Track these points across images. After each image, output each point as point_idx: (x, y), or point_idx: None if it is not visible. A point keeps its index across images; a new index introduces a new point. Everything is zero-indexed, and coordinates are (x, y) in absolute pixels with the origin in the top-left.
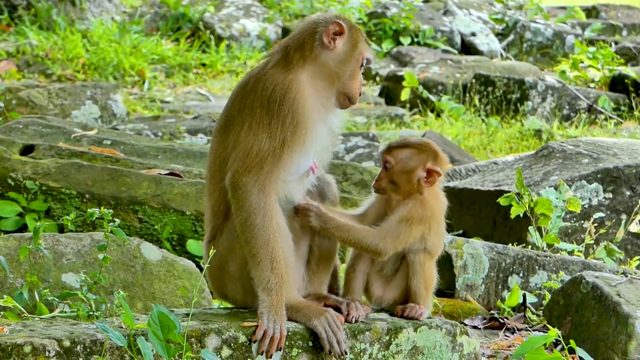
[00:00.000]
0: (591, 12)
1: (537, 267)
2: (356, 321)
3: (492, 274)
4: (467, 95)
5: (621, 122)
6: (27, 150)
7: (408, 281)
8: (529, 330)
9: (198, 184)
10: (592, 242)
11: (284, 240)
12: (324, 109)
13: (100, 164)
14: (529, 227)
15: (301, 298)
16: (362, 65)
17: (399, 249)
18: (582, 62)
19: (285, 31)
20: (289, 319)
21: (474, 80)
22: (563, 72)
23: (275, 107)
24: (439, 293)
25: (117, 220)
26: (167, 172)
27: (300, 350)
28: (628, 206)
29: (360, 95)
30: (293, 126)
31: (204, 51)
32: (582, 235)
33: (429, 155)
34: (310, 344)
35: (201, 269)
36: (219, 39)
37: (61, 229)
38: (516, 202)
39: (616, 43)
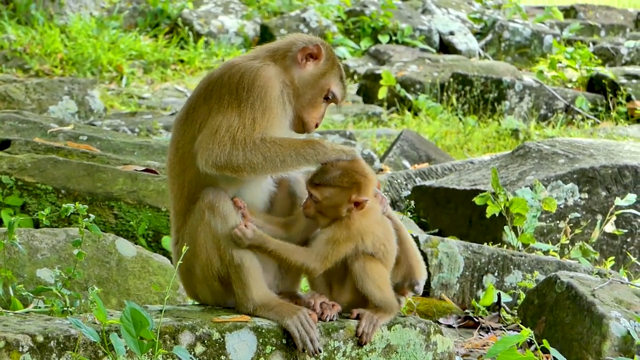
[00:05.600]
0: (569, 12)
1: (512, 267)
2: (330, 320)
3: (467, 273)
4: (445, 94)
5: (598, 123)
6: (2, 145)
7: (357, 287)
8: (504, 330)
9: None
10: (568, 242)
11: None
12: (285, 110)
13: (76, 160)
14: (505, 227)
15: (274, 295)
16: (327, 98)
17: (328, 267)
18: (560, 62)
19: (264, 28)
20: (261, 317)
21: (451, 79)
22: (541, 72)
23: (244, 94)
24: None
25: (92, 216)
26: (143, 168)
27: (274, 348)
28: (603, 207)
29: (316, 127)
30: (262, 109)
31: (182, 47)
32: (558, 235)
33: (351, 189)
34: (284, 341)
35: None
36: (198, 35)
37: (36, 224)
38: (492, 201)
39: (594, 43)
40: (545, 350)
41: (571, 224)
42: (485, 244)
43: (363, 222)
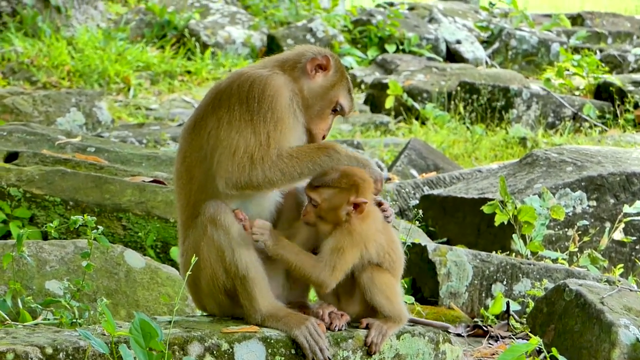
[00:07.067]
0: (576, 19)
1: (520, 275)
2: (339, 330)
3: (476, 282)
4: (452, 102)
5: (606, 130)
6: (11, 157)
7: (366, 298)
8: (513, 338)
9: None
10: (576, 250)
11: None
12: (297, 118)
13: (84, 171)
14: (513, 235)
15: (281, 305)
16: (335, 110)
17: (339, 278)
18: (567, 70)
19: (271, 38)
20: (270, 328)
21: (458, 88)
22: (548, 79)
23: (255, 104)
24: (423, 300)
25: (101, 228)
26: (151, 179)
27: (283, 358)
28: (612, 214)
29: (323, 138)
30: (274, 121)
31: (189, 58)
32: (566, 243)
33: (350, 190)
34: (293, 351)
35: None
36: (204, 46)
37: (45, 237)
38: (500, 210)
39: (601, 51)
40: (554, 359)
41: (579, 232)
42: (494, 252)
43: (364, 228)
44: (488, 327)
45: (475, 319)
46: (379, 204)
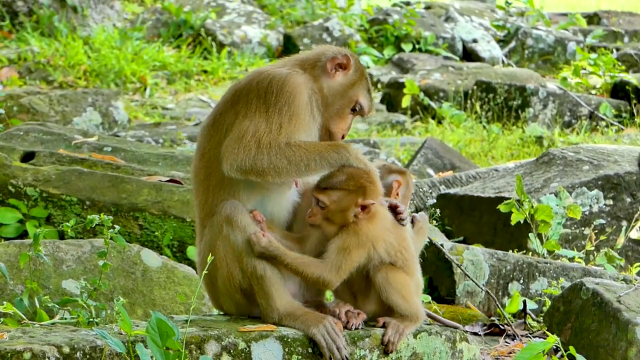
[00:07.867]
0: (593, 18)
1: (537, 274)
2: (356, 328)
3: (493, 281)
4: (469, 101)
5: (622, 129)
6: (27, 157)
7: (382, 298)
8: (530, 337)
9: None
10: (593, 248)
11: None
12: (313, 117)
13: (100, 171)
14: (530, 234)
15: (298, 304)
16: (354, 110)
17: (344, 277)
18: (584, 69)
19: (287, 38)
20: (287, 326)
21: (475, 87)
22: (564, 78)
23: (272, 98)
24: (439, 299)
25: (117, 227)
26: (168, 179)
27: (300, 357)
28: (628, 213)
29: (342, 138)
30: (289, 115)
31: (205, 58)
32: (583, 242)
33: (358, 192)
34: (310, 350)
35: None
36: (221, 45)
37: (61, 236)
38: (516, 208)
39: (617, 50)
40: (571, 357)
41: (596, 231)
42: (511, 251)
43: (371, 228)
44: (505, 325)
45: (492, 318)
46: (394, 207)
